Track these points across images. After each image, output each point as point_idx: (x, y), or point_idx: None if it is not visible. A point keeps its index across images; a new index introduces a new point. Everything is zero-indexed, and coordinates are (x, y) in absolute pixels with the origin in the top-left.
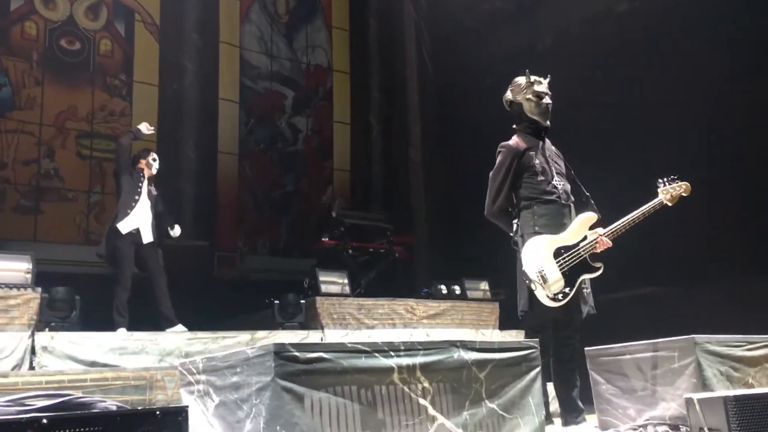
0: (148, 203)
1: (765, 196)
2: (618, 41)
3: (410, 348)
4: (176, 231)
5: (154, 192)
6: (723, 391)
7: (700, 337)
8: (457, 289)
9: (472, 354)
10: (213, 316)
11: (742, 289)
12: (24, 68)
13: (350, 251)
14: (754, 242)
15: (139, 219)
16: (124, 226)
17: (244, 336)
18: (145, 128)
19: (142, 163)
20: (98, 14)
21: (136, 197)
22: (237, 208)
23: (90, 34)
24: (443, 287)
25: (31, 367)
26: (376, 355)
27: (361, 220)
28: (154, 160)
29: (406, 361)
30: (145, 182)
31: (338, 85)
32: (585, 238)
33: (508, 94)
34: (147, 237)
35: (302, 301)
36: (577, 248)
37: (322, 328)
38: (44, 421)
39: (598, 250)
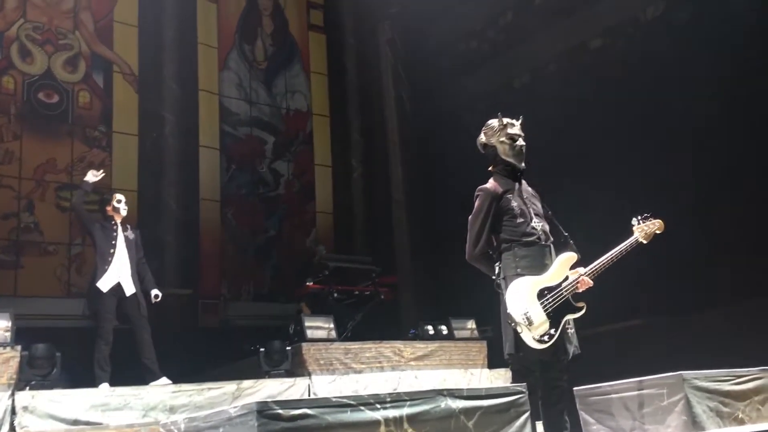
0: (126, 252)
1: (744, 226)
2: (594, 76)
3: (396, 399)
4: (156, 297)
5: (132, 236)
6: (714, 430)
7: (687, 374)
8: (444, 329)
9: (460, 402)
10: (198, 365)
11: (724, 318)
12: (2, 122)
13: (335, 295)
14: (731, 272)
15: (118, 272)
16: (104, 284)
17: (229, 386)
18: (92, 176)
19: (109, 210)
20: (76, 67)
21: (111, 250)
22: (220, 254)
23: (68, 87)
24: (430, 328)
25: (12, 429)
26: (362, 408)
27: (346, 262)
28: (119, 201)
29: (392, 413)
30: (119, 228)
31: (318, 129)
32: (567, 278)
33: (482, 137)
34: (129, 289)
35: (288, 348)
36: (559, 289)
37: (309, 374)
38: None
39: (580, 290)
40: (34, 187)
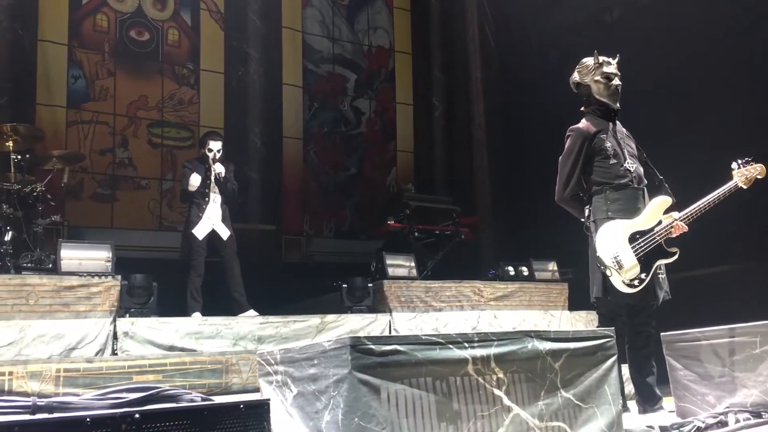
0: (220, 197)
1: None
2: (692, 12)
3: (484, 339)
4: (220, 174)
5: (222, 174)
6: None
7: None
8: (525, 270)
9: (547, 344)
10: (281, 299)
11: None
12: (97, 60)
13: (416, 234)
14: None
15: (212, 220)
16: (200, 232)
17: (314, 320)
18: (193, 183)
19: (203, 151)
20: (165, 4)
21: (206, 198)
22: (302, 191)
23: (158, 24)
24: (510, 268)
25: (114, 353)
26: (450, 346)
27: (427, 202)
28: (209, 150)
29: (480, 352)
30: (212, 175)
31: (400, 66)
32: (660, 222)
33: (575, 76)
34: (224, 234)
35: (370, 285)
36: (652, 233)
37: (390, 311)
38: (137, 416)
39: (674, 235)
40: (128, 124)
